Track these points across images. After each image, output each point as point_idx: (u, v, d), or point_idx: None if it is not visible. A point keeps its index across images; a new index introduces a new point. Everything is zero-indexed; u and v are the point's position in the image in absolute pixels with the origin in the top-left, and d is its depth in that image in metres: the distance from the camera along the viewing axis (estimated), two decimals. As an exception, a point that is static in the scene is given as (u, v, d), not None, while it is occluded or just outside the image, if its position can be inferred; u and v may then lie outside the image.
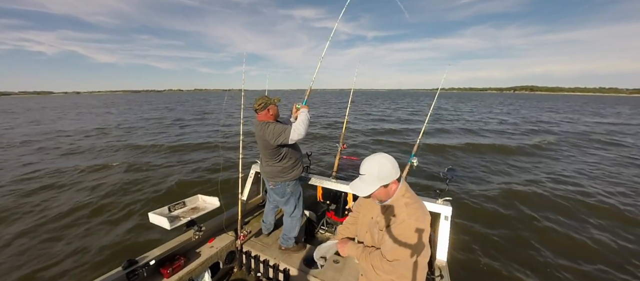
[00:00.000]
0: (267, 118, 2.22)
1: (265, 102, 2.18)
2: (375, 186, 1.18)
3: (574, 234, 4.04)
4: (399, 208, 1.21)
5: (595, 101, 70.95)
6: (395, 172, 1.20)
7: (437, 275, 2.04)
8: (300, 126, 2.10)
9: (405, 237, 1.16)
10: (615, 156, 8.76)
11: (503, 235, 3.99)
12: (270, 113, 2.22)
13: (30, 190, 5.52)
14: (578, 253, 3.60)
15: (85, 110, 28.46)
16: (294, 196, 2.45)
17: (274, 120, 2.25)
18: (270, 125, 2.16)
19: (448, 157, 8.40)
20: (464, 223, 4.26)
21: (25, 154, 8.82)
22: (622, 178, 6.54)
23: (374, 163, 1.20)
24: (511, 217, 4.54)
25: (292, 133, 2.10)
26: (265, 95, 2.24)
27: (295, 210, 2.47)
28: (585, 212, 4.71)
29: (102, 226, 4.18)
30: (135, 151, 9.01)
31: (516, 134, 12.91)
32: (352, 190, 1.25)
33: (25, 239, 3.80)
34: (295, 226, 2.46)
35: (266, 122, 2.20)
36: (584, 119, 20.58)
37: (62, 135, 12.56)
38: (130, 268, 1.92)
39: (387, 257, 1.18)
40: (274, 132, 2.13)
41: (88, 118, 20.56)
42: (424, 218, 1.18)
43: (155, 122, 17.45)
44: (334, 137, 11.05)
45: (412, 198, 1.23)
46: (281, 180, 2.33)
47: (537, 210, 4.73)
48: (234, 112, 22.31)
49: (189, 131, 13.43)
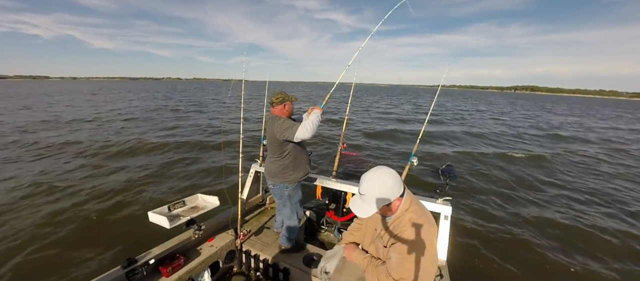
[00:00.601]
0: (281, 113, 2.23)
1: (283, 97, 2.21)
2: (376, 207, 1.13)
3: (574, 233, 4.08)
4: (404, 225, 1.15)
5: (600, 104, 70.99)
6: (398, 189, 1.13)
7: (437, 274, 2.04)
8: (308, 125, 2.07)
9: (411, 255, 1.10)
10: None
11: (503, 235, 4.03)
12: (286, 110, 2.24)
13: (28, 186, 5.45)
14: (578, 253, 3.64)
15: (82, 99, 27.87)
16: (291, 200, 2.41)
17: (288, 116, 2.25)
18: (281, 119, 2.18)
19: (448, 158, 8.39)
20: (464, 223, 4.28)
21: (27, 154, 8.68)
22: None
23: (373, 182, 1.13)
24: (511, 217, 4.57)
25: (299, 130, 2.08)
26: (283, 91, 2.24)
27: (293, 215, 2.45)
28: (586, 212, 4.74)
29: (101, 225, 4.16)
30: (134, 149, 8.90)
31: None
32: (352, 209, 1.18)
33: (23, 239, 3.77)
34: (294, 229, 2.45)
35: (279, 116, 2.22)
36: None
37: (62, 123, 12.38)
38: (130, 267, 1.91)
39: (394, 276, 1.13)
40: (282, 125, 2.14)
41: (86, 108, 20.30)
42: (432, 234, 1.12)
43: (152, 112, 17.26)
44: (333, 136, 10.96)
45: (417, 212, 1.16)
46: (280, 180, 2.31)
47: (537, 210, 4.77)
48: (233, 104, 22.15)
49: (188, 124, 13.21)
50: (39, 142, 8.75)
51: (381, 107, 26.39)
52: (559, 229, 4.21)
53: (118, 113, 16.42)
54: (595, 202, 5.10)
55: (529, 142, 10.79)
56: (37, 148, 8.21)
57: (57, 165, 6.73)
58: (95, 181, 5.76)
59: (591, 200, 5.20)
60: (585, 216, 4.57)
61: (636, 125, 20.40)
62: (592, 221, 4.45)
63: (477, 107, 32.66)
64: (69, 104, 20.88)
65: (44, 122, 12.65)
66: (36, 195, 5.03)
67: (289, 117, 2.28)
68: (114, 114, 15.84)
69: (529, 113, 24.79)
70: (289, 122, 2.15)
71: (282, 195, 2.39)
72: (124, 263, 1.91)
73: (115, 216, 4.42)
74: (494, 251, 3.62)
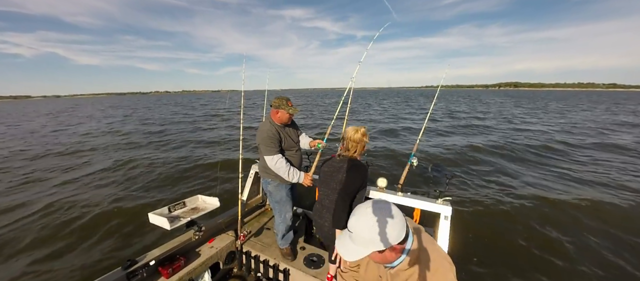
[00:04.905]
0: (274, 118, 2.24)
1: (279, 103, 2.19)
2: (366, 251, 0.86)
3: (575, 233, 4.03)
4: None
5: (587, 95, 71.10)
6: (397, 234, 0.84)
7: None
8: (281, 169, 2.16)
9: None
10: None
11: (503, 235, 3.99)
12: (278, 116, 2.22)
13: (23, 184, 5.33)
14: (578, 253, 3.60)
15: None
16: (272, 198, 2.37)
17: (280, 123, 2.25)
18: (268, 131, 2.17)
19: (448, 158, 8.25)
20: (465, 222, 4.26)
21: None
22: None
23: (364, 220, 0.86)
24: (512, 216, 4.55)
25: (273, 159, 2.15)
26: (285, 97, 2.24)
27: (276, 215, 2.40)
28: (587, 213, 4.68)
29: (101, 226, 4.10)
30: (132, 150, 8.74)
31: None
32: (337, 248, 0.92)
33: (22, 238, 3.73)
34: (282, 229, 2.40)
35: (270, 121, 2.23)
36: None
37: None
38: (131, 268, 1.91)
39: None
40: (264, 139, 2.16)
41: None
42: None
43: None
44: (333, 139, 10.79)
45: (431, 263, 0.89)
46: (263, 174, 2.35)
47: (537, 210, 4.76)
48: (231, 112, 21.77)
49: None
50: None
51: (378, 109, 26.19)
52: (561, 230, 4.16)
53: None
54: (601, 206, 4.91)
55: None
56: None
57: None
58: (99, 181, 5.65)
59: (599, 204, 4.97)
60: (590, 219, 4.47)
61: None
62: (597, 225, 4.33)
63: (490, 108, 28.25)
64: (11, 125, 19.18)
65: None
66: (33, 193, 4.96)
67: (282, 123, 2.26)
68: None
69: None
70: (274, 141, 2.15)
71: (267, 190, 2.39)
72: (124, 264, 1.91)
73: (115, 216, 4.38)
74: (495, 251, 3.59)
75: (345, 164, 1.83)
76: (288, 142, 2.28)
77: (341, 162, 1.87)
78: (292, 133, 2.36)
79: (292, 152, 2.33)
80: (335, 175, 1.85)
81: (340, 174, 1.82)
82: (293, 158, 2.32)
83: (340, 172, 1.83)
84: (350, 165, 1.82)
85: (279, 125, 2.24)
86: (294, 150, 2.35)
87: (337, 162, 1.89)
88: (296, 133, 2.43)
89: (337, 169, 1.86)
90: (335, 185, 1.83)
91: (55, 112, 34.00)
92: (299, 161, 2.39)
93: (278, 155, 2.17)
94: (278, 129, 2.22)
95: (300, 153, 2.43)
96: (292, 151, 2.33)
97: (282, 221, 2.38)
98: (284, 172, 2.17)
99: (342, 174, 1.81)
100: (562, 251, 3.68)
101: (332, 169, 1.89)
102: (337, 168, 1.86)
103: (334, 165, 1.90)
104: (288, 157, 2.27)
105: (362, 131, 1.84)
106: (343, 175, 1.80)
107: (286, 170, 2.17)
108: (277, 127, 2.22)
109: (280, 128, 2.24)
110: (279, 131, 2.22)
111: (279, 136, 2.20)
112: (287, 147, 2.28)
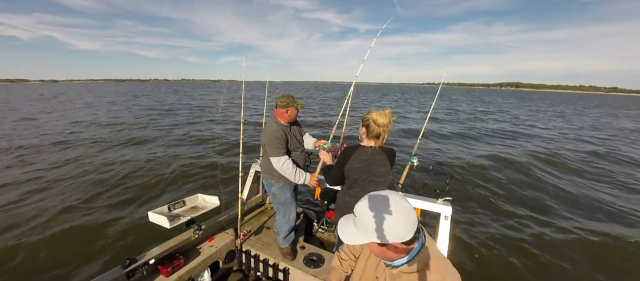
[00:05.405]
0: (282, 117, 2.18)
1: (288, 102, 2.13)
2: (364, 239, 0.82)
3: (575, 234, 4.05)
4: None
5: (590, 98, 70.55)
6: (401, 233, 0.78)
7: None
8: (287, 171, 2.12)
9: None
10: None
11: (503, 235, 4.00)
12: (287, 115, 2.16)
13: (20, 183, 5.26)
14: (578, 253, 3.62)
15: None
16: (276, 199, 2.35)
17: (287, 122, 2.21)
18: (275, 131, 2.11)
19: (449, 158, 8.26)
20: (465, 222, 4.29)
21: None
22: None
23: (371, 208, 0.80)
24: (512, 216, 4.57)
25: (279, 160, 2.09)
26: (289, 95, 2.18)
27: (280, 216, 2.38)
28: (588, 213, 4.71)
29: (101, 225, 4.08)
30: (131, 147, 8.64)
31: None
32: (339, 229, 0.89)
33: (20, 238, 3.68)
34: (284, 230, 2.39)
35: (276, 121, 2.18)
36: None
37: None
38: (130, 266, 1.90)
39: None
40: (271, 140, 2.09)
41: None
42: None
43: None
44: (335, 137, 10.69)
45: (436, 273, 0.85)
46: (267, 176, 2.31)
47: (538, 210, 4.79)
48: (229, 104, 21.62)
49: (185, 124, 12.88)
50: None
51: (379, 106, 25.93)
52: (561, 230, 4.19)
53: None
54: (602, 207, 4.95)
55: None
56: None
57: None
58: (99, 178, 5.63)
59: (600, 205, 5.01)
60: (591, 220, 4.51)
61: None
62: (598, 226, 4.35)
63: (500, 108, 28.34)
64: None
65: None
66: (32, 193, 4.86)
67: (290, 122, 2.23)
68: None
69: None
70: (281, 142, 2.10)
71: (269, 192, 2.37)
72: (124, 262, 1.90)
73: (115, 216, 4.35)
74: (495, 251, 3.61)
75: (382, 155, 1.72)
76: (294, 142, 2.25)
77: (375, 153, 1.73)
78: (297, 133, 2.33)
79: (298, 153, 2.30)
80: (374, 168, 1.73)
81: (380, 167, 1.72)
82: (298, 159, 2.29)
83: (380, 164, 1.72)
84: (388, 154, 1.74)
85: (286, 126, 2.21)
86: (299, 150, 2.32)
87: (369, 153, 1.73)
88: (300, 132, 2.40)
89: (375, 162, 1.73)
90: (378, 178, 1.74)
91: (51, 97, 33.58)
92: (303, 162, 2.37)
93: (285, 156, 2.13)
94: (285, 130, 2.18)
95: (304, 153, 2.41)
96: (297, 152, 2.30)
97: (286, 221, 2.37)
98: (290, 173, 2.13)
99: (384, 167, 1.73)
100: (562, 251, 3.70)
101: (366, 163, 1.73)
102: (375, 161, 1.73)
103: (368, 159, 1.73)
104: (293, 158, 2.23)
105: (388, 112, 1.66)
106: (386, 169, 1.73)
107: (293, 171, 2.13)
108: (283, 127, 2.18)
109: (286, 129, 2.20)
110: (286, 132, 2.18)
111: (286, 137, 2.17)
112: (293, 147, 2.24)
